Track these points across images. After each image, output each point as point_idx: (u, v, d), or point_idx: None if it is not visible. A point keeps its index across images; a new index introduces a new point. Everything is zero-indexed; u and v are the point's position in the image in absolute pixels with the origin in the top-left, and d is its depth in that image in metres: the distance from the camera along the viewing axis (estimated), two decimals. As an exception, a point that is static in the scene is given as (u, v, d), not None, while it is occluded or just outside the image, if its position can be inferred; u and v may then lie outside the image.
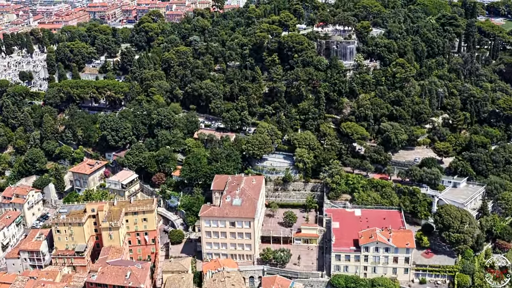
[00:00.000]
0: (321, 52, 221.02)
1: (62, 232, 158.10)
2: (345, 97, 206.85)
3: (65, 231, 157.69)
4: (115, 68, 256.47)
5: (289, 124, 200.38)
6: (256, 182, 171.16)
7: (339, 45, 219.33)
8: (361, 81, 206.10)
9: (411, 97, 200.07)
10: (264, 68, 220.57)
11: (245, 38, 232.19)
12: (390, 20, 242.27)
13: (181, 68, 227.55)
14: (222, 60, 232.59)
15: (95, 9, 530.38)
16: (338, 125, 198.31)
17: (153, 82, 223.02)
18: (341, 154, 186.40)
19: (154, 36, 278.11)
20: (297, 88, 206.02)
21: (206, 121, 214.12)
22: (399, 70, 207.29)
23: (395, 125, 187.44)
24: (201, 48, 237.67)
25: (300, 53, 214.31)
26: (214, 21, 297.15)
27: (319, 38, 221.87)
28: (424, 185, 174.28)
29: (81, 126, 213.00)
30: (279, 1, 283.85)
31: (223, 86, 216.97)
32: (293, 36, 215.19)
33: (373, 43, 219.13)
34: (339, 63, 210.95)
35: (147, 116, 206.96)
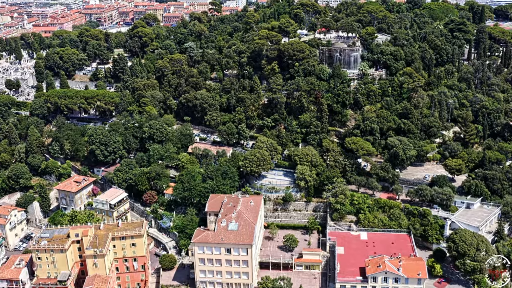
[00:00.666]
0: (324, 60, 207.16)
1: (43, 259, 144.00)
2: (349, 109, 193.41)
3: (46, 258, 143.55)
4: (106, 76, 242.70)
5: (290, 138, 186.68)
6: (254, 203, 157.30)
7: (342, 53, 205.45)
8: (366, 92, 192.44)
9: (419, 109, 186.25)
10: (263, 77, 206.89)
11: (243, 45, 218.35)
12: (396, 26, 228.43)
13: (175, 77, 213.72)
14: (219, 68, 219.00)
15: (91, 11, 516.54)
16: (342, 139, 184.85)
17: (145, 92, 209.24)
18: (345, 171, 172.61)
19: (149, 41, 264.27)
20: (298, 99, 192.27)
21: (201, 133, 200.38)
22: (406, 80, 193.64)
23: (403, 140, 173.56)
24: (196, 55, 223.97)
25: (301, 62, 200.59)
26: (211, 25, 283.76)
27: (321, 46, 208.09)
28: (435, 206, 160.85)
29: (69, 139, 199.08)
30: (278, 5, 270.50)
31: (219, 96, 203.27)
32: (293, 43, 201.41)
33: (379, 51, 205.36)
34: (343, 72, 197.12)
35: (139, 129, 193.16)
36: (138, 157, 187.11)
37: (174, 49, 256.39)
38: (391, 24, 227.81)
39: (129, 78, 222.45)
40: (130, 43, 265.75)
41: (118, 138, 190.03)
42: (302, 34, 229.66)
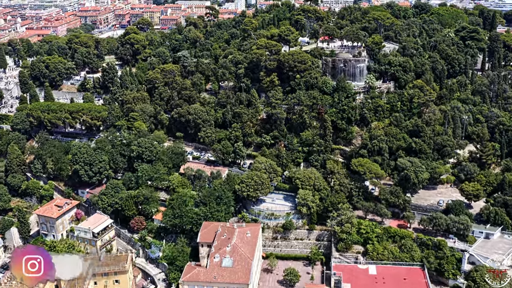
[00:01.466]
0: (327, 72, 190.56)
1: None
2: (354, 126, 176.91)
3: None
4: (95, 86, 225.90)
5: (290, 158, 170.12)
6: (251, 234, 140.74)
7: (347, 64, 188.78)
8: (374, 107, 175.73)
9: (431, 126, 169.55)
10: (261, 89, 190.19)
11: (240, 54, 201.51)
12: (404, 34, 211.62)
13: (167, 89, 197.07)
14: (214, 79, 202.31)
15: (87, 14, 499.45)
16: (348, 159, 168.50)
17: (135, 105, 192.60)
18: (351, 195, 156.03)
19: (141, 48, 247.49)
20: (300, 114, 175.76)
21: (195, 151, 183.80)
22: (417, 94, 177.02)
23: (414, 161, 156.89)
24: (190, 65, 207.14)
25: (303, 74, 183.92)
26: (207, 31, 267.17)
27: (324, 56, 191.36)
28: (451, 236, 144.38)
29: (52, 157, 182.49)
30: (278, 10, 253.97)
31: (214, 111, 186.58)
32: (294, 53, 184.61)
33: (386, 61, 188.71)
34: (348, 86, 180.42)
35: (127, 147, 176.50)
36: (126, 178, 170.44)
37: (168, 56, 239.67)
38: (399, 31, 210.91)
39: (118, 89, 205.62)
40: (121, 50, 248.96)
41: (104, 157, 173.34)
42: (303, 42, 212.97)
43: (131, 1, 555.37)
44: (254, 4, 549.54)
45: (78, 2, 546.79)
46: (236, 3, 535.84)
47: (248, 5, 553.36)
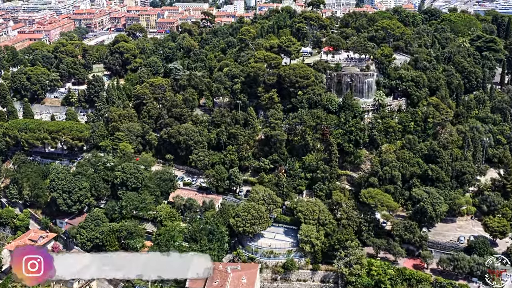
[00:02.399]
0: (331, 87, 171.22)
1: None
2: (363, 148, 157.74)
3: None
4: (80, 100, 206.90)
5: (292, 185, 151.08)
6: (248, 279, 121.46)
7: (354, 79, 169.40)
8: (384, 128, 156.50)
9: (449, 150, 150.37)
10: (260, 107, 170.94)
11: (237, 67, 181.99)
12: (415, 43, 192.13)
13: (157, 105, 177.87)
14: (208, 94, 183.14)
15: (81, 17, 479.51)
16: (356, 187, 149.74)
17: (120, 123, 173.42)
18: (360, 230, 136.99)
19: (131, 58, 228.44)
20: (302, 136, 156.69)
21: (186, 176, 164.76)
22: (431, 113, 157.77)
23: (431, 192, 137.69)
24: (182, 78, 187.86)
25: (305, 90, 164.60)
26: (202, 38, 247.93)
27: (328, 70, 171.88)
28: (475, 280, 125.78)
29: (29, 182, 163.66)
30: (278, 16, 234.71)
31: (207, 131, 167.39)
32: (296, 67, 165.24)
33: (397, 76, 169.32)
34: (355, 104, 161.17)
35: (111, 171, 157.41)
36: (109, 207, 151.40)
37: (160, 67, 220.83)
38: (409, 41, 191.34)
39: (104, 105, 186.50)
40: (110, 60, 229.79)
41: (84, 183, 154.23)
42: (305, 53, 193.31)
43: (127, 3, 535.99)
44: (253, 6, 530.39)
45: (73, 4, 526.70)
46: (235, 6, 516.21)
47: (247, 7, 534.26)
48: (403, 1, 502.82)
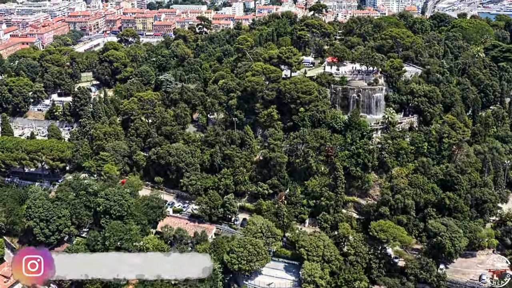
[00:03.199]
0: (336, 103, 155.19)
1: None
2: (372, 172, 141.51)
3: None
4: (65, 114, 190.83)
5: (293, 214, 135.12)
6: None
7: (361, 93, 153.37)
8: (395, 150, 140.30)
9: (467, 175, 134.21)
10: (257, 124, 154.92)
11: (233, 80, 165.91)
12: (426, 53, 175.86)
13: (145, 122, 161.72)
14: (202, 109, 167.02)
15: (76, 19, 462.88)
16: (364, 215, 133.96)
17: (106, 142, 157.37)
18: (370, 267, 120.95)
19: (121, 67, 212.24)
20: (304, 158, 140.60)
21: (176, 201, 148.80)
22: (447, 132, 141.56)
23: (450, 224, 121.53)
24: (174, 92, 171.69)
25: (308, 106, 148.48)
26: (198, 45, 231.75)
27: (333, 83, 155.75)
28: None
29: (5, 207, 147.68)
30: (278, 22, 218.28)
31: (200, 151, 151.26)
32: (297, 82, 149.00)
33: (408, 90, 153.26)
34: (362, 122, 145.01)
35: (94, 196, 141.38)
36: (91, 238, 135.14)
37: (152, 76, 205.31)
38: (420, 51, 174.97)
39: (89, 120, 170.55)
40: (98, 69, 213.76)
41: (64, 211, 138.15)
42: (307, 63, 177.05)
43: (123, 6, 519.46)
44: (252, 8, 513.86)
45: (68, 6, 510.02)
46: (234, 8, 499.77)
47: (246, 9, 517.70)
48: (406, 3, 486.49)
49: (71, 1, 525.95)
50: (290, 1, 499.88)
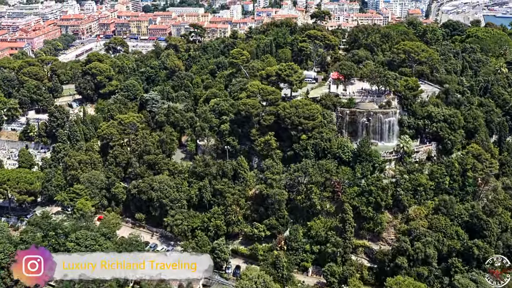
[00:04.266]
0: (343, 128, 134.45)
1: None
2: (385, 211, 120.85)
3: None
4: (40, 134, 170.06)
5: (294, 262, 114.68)
6: None
7: (372, 118, 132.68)
8: (412, 187, 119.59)
9: (497, 217, 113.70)
10: (253, 151, 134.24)
11: (226, 100, 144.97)
12: (442, 69, 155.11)
13: (126, 149, 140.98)
14: (191, 132, 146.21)
15: (68, 23, 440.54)
16: (377, 263, 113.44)
17: (81, 172, 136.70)
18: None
19: (105, 81, 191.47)
20: (307, 194, 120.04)
21: (160, 242, 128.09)
22: (471, 163, 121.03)
23: (481, 281, 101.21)
24: (160, 113, 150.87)
25: (311, 133, 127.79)
26: (190, 56, 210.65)
27: (339, 106, 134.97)
28: None
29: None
30: (277, 32, 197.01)
31: (187, 184, 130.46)
32: (299, 105, 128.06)
33: (425, 113, 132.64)
34: (374, 152, 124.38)
35: (65, 238, 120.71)
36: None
37: (139, 91, 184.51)
38: (436, 66, 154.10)
39: (65, 144, 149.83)
40: (80, 83, 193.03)
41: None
42: (309, 79, 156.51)
43: (118, 8, 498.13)
44: (251, 11, 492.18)
45: (60, 9, 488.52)
46: (232, 11, 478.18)
47: (245, 12, 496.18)
48: (409, 6, 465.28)
49: (64, 4, 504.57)
50: (290, 4, 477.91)
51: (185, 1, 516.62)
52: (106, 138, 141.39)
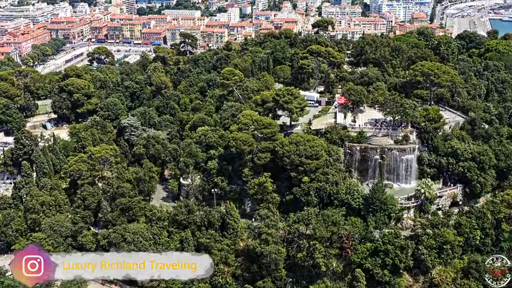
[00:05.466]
0: (352, 166, 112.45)
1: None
2: (404, 273, 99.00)
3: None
4: (6, 163, 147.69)
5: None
6: None
7: (386, 155, 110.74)
8: (437, 244, 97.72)
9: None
10: (245, 194, 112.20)
11: (214, 131, 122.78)
12: (464, 92, 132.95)
13: (96, 190, 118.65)
14: (174, 167, 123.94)
15: (59, 26, 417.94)
16: None
17: (44, 216, 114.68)
18: None
19: (83, 99, 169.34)
20: (309, 252, 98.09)
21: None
22: (506, 213, 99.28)
23: None
24: (138, 144, 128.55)
25: (314, 174, 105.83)
26: (179, 69, 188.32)
27: (348, 141, 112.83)
28: None
29: None
30: (275, 45, 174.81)
31: (167, 233, 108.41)
32: (299, 141, 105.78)
33: (448, 150, 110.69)
34: (389, 199, 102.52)
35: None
36: None
37: (122, 110, 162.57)
38: (458, 90, 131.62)
39: (27, 178, 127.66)
40: (56, 101, 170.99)
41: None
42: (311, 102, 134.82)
43: (112, 11, 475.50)
44: (249, 14, 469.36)
45: (52, 12, 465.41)
46: (229, 14, 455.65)
47: (243, 15, 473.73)
48: (413, 9, 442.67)
49: (56, 6, 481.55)
50: (289, 7, 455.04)
51: (181, 4, 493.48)
52: (74, 175, 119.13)
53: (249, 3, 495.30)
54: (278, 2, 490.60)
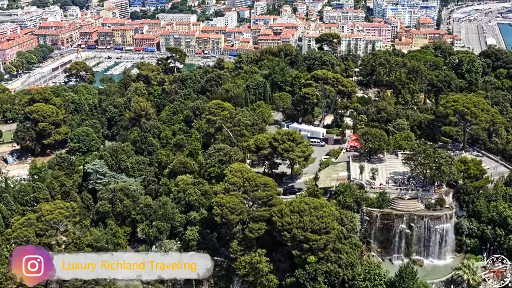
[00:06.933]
0: (371, 237, 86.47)
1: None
2: None
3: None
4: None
5: None
6: None
7: (415, 224, 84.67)
8: None
9: None
10: (233, 270, 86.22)
11: (197, 186, 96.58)
12: (503, 130, 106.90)
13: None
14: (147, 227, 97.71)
15: (47, 32, 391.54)
16: None
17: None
18: None
19: (49, 128, 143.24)
20: None
21: None
22: None
23: None
24: (103, 197, 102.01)
25: (323, 252, 79.82)
26: (164, 91, 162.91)
27: (365, 205, 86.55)
28: None
29: None
30: (274, 65, 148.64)
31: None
32: (304, 211, 79.24)
33: (494, 215, 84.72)
34: (424, 284, 76.58)
35: None
36: None
37: (94, 141, 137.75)
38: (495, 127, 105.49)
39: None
40: (18, 130, 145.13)
41: None
42: (315, 142, 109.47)
43: (104, 15, 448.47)
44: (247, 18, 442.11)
45: (41, 16, 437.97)
46: (226, 18, 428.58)
47: (240, 19, 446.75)
48: (419, 14, 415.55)
49: (46, 10, 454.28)
50: (289, 11, 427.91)
51: (177, 7, 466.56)
52: (19, 242, 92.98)
53: (247, 6, 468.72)
54: (278, 6, 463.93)
